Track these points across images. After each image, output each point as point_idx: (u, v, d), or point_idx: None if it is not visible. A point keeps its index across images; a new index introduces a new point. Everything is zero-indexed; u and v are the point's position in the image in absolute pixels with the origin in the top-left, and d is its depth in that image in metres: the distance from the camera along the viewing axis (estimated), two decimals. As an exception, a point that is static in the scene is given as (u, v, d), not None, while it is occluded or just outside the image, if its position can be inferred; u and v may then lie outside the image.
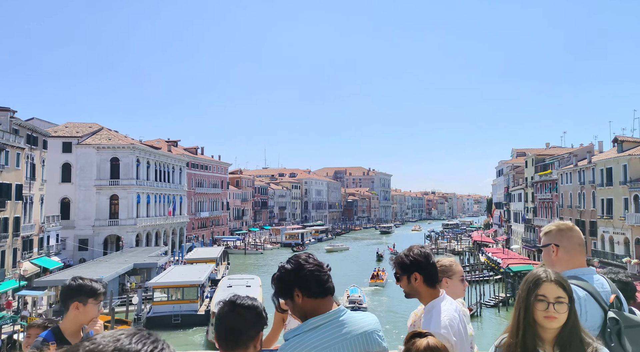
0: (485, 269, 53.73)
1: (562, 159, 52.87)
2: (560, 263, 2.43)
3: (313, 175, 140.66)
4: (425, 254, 2.50)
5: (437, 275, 2.53)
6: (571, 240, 2.46)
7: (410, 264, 2.46)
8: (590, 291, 2.25)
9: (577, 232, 2.50)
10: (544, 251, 2.55)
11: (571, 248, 2.45)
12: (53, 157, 51.23)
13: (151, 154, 60.69)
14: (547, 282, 1.98)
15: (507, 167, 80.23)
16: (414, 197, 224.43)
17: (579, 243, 2.48)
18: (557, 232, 2.49)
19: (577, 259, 2.44)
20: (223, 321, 1.92)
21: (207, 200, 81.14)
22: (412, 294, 2.50)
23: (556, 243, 2.46)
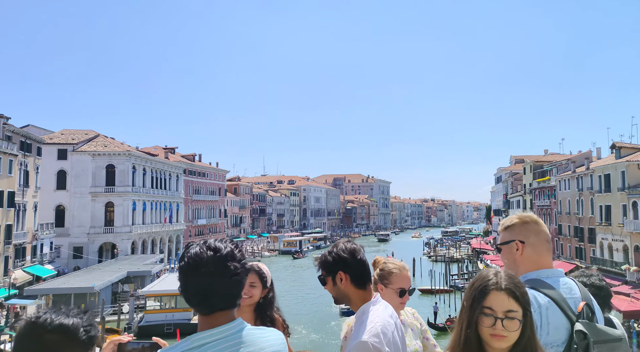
0: (484, 277, 53.28)
1: (560, 165, 52.61)
2: (525, 263, 2.04)
3: (312, 182, 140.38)
4: (352, 250, 2.17)
5: (368, 274, 2.18)
6: (539, 235, 2.07)
7: (334, 262, 2.14)
8: (555, 297, 1.86)
9: (544, 227, 2.12)
10: (503, 249, 2.12)
11: (539, 245, 2.06)
12: (48, 164, 50.94)
13: (147, 161, 60.40)
14: (496, 291, 1.58)
15: (506, 174, 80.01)
16: (414, 205, 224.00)
17: (546, 239, 2.09)
18: (521, 226, 2.09)
19: (544, 259, 2.05)
20: (17, 349, 1.44)
21: (205, 207, 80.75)
22: (340, 298, 2.16)
23: (521, 239, 2.06)
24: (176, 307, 31.75)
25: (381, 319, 1.99)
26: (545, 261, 2.05)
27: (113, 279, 36.29)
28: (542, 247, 2.06)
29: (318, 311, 37.06)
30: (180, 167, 70.86)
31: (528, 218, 2.11)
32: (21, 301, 29.75)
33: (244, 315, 2.73)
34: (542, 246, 2.06)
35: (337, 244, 2.22)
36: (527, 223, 2.09)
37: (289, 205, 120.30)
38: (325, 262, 2.17)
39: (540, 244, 2.06)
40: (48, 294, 31.58)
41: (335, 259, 2.13)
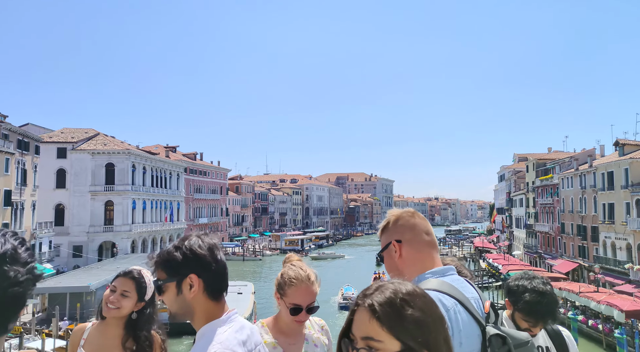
0: (486, 276, 52.86)
1: (563, 163, 51.99)
2: (408, 265, 1.67)
3: (314, 181, 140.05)
4: (211, 246, 1.59)
5: (226, 281, 1.62)
6: (415, 229, 1.71)
7: (185, 261, 1.54)
8: (461, 298, 1.48)
9: (420, 219, 1.75)
10: (385, 257, 1.74)
11: (417, 241, 1.70)
12: (47, 162, 50.85)
13: (147, 160, 60.23)
14: (361, 307, 1.06)
15: (509, 172, 79.38)
16: (417, 203, 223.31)
17: (425, 231, 1.73)
18: (395, 224, 1.74)
19: (427, 256, 1.69)
20: None
21: (206, 206, 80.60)
22: (182, 312, 1.57)
23: (397, 238, 1.71)
24: (172, 306, 31.57)
25: (226, 344, 1.46)
26: (429, 258, 1.69)
27: (110, 279, 35.97)
28: (420, 242, 1.70)
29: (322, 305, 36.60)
30: (181, 166, 70.69)
31: (400, 213, 1.77)
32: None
33: (110, 330, 2.33)
34: (421, 241, 1.70)
35: (188, 238, 1.61)
36: (400, 218, 1.74)
37: (291, 204, 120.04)
38: (170, 260, 1.55)
39: (418, 239, 1.70)
40: (44, 293, 31.41)
41: (187, 256, 1.54)
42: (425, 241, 1.70)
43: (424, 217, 1.78)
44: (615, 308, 26.83)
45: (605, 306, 27.99)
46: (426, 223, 1.76)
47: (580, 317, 31.27)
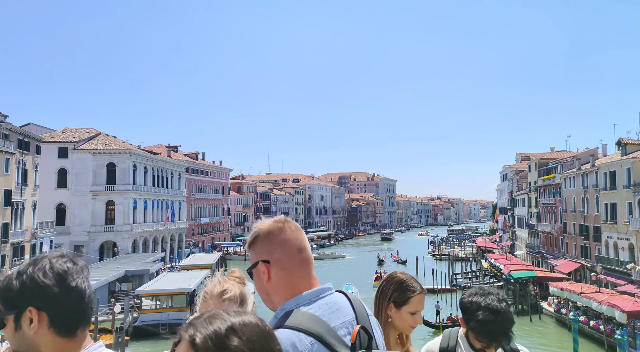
0: (488, 276, 52.62)
1: (565, 163, 51.67)
2: (277, 290, 1.47)
3: (317, 180, 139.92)
4: (60, 273, 1.28)
5: (85, 313, 1.32)
6: (285, 246, 1.49)
7: (21, 292, 1.25)
8: (320, 333, 1.33)
9: (292, 231, 1.53)
10: (253, 277, 1.54)
11: (288, 260, 1.48)
12: (48, 162, 50.91)
13: (149, 159, 60.24)
14: (183, 341, 0.90)
15: (511, 172, 79.00)
16: (420, 203, 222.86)
17: (297, 248, 1.50)
18: (264, 239, 1.51)
19: (299, 278, 1.48)
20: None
21: (208, 206, 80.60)
22: (23, 351, 1.27)
23: (264, 258, 1.49)
24: (172, 306, 31.44)
25: None
26: (302, 280, 1.49)
27: (110, 278, 36.07)
28: (292, 261, 1.49)
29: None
30: (183, 166, 70.69)
31: (269, 227, 1.52)
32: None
33: None
34: (292, 260, 1.49)
35: (38, 262, 1.30)
36: (270, 233, 1.51)
37: (293, 203, 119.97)
38: (6, 290, 1.26)
39: (289, 258, 1.48)
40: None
41: (25, 286, 1.25)
42: (297, 260, 1.49)
43: (297, 228, 1.56)
44: (616, 309, 26.58)
45: (607, 306, 27.74)
46: (299, 235, 1.54)
47: (581, 317, 31.02)
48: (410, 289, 2.19)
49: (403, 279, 2.22)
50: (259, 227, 1.54)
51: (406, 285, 2.19)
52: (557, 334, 32.58)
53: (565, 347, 28.07)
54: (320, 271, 62.00)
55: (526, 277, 40.09)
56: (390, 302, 2.17)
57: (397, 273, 2.28)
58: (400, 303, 2.16)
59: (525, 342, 30.68)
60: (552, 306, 36.56)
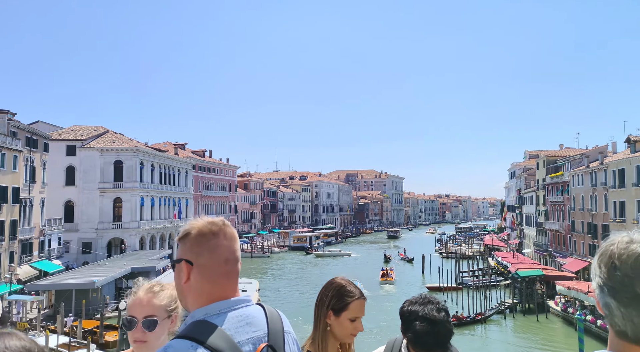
0: (495, 274, 52.25)
1: (573, 160, 51.10)
2: (193, 295, 1.42)
3: (324, 178, 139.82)
4: None
5: None
6: (214, 253, 1.42)
7: None
8: (219, 347, 1.27)
9: (227, 239, 1.46)
10: (175, 272, 1.49)
11: (213, 268, 1.42)
12: (57, 160, 51.35)
13: (156, 157, 60.55)
14: None
15: (519, 170, 78.37)
16: (427, 200, 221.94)
17: (226, 258, 1.44)
18: (196, 239, 1.45)
19: (220, 288, 1.41)
20: None
21: (215, 203, 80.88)
22: None
23: (189, 258, 1.43)
24: (177, 303, 31.63)
25: None
26: (220, 291, 1.41)
27: (116, 275, 36.32)
28: (216, 270, 1.41)
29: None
30: (190, 163, 70.97)
31: (202, 227, 1.45)
32: (21, 297, 29.86)
33: None
34: (217, 269, 1.41)
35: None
36: (202, 235, 1.44)
37: (300, 201, 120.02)
38: None
39: (214, 267, 1.41)
40: (50, 289, 31.72)
41: None
42: (222, 271, 1.42)
43: (233, 236, 1.49)
44: (624, 308, 26.26)
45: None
46: (232, 244, 1.47)
47: (589, 317, 30.73)
48: (348, 294, 2.12)
49: (342, 285, 2.16)
50: (193, 226, 1.49)
51: (344, 290, 2.13)
52: (563, 333, 32.29)
53: (572, 346, 27.80)
54: (326, 268, 62.03)
55: (533, 275, 39.74)
56: (328, 309, 2.10)
57: (337, 279, 2.22)
58: (338, 310, 2.09)
59: (531, 341, 30.46)
60: (558, 305, 36.23)
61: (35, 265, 40.26)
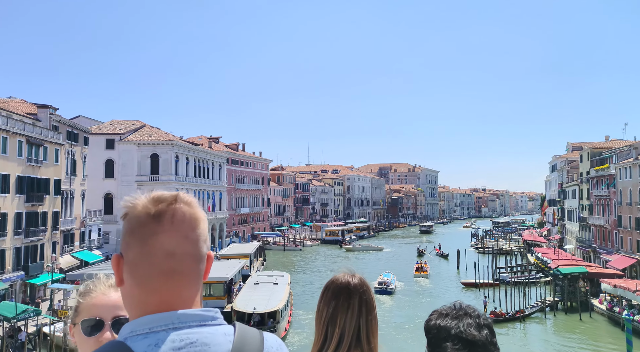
0: (534, 271, 50.38)
1: (620, 152, 48.44)
2: (127, 305, 1.04)
3: (356, 171, 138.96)
4: None
5: None
6: (147, 243, 0.99)
7: None
8: None
9: (171, 223, 1.00)
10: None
11: (144, 266, 0.99)
12: (97, 153, 52.98)
13: (190, 151, 61.54)
14: None
15: (562, 162, 75.26)
16: (463, 195, 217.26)
17: (168, 251, 0.99)
18: (128, 226, 1.03)
19: (154, 294, 1.00)
20: None
21: (248, 196, 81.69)
22: None
23: (121, 250, 1.04)
24: (211, 295, 31.91)
25: None
26: (158, 299, 0.99)
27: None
28: (150, 270, 0.99)
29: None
30: (223, 157, 71.82)
31: (143, 208, 1.01)
32: (62, 286, 30.90)
33: None
34: (152, 268, 0.99)
35: None
36: (137, 218, 1.01)
37: (332, 194, 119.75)
38: None
39: (146, 264, 0.99)
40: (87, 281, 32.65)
41: None
42: (160, 270, 0.98)
43: (186, 220, 1.01)
44: (677, 309, 24.62)
45: (666, 306, 25.77)
46: (182, 230, 1.01)
47: (637, 316, 29.04)
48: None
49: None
50: (131, 204, 1.03)
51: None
52: (608, 333, 30.67)
53: (618, 347, 26.33)
54: (358, 262, 61.56)
55: (576, 272, 37.98)
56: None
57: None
58: None
59: (574, 341, 29.07)
60: (603, 304, 34.47)
61: (76, 255, 41.67)
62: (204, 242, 1.05)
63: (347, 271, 1.75)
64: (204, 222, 1.05)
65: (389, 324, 31.43)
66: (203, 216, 1.05)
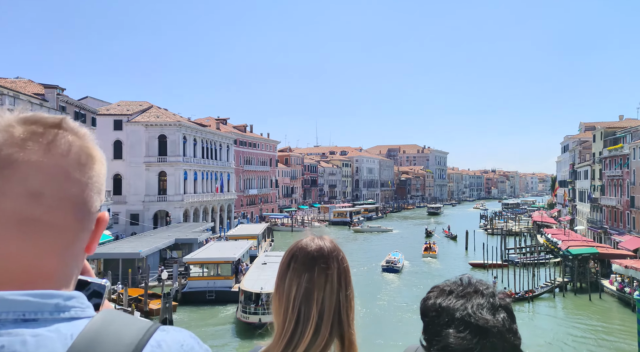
0: (544, 251, 50.03)
1: (635, 131, 47.41)
2: None
3: (364, 153, 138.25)
4: None
5: None
6: (4, 176, 0.65)
7: None
8: None
9: (32, 152, 0.67)
10: None
11: None
12: (105, 134, 52.96)
13: (198, 132, 61.36)
14: None
15: (574, 143, 74.03)
16: (472, 176, 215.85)
17: (33, 190, 0.66)
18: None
19: (6, 255, 0.66)
20: None
21: (256, 177, 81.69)
22: None
23: None
24: (219, 274, 32.08)
25: None
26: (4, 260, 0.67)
27: (160, 246, 37.31)
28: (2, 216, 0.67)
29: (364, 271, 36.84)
30: (231, 138, 71.59)
31: (4, 119, 0.68)
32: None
33: None
34: (4, 214, 0.65)
35: None
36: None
37: (340, 176, 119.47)
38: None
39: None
40: (99, 258, 32.96)
41: None
42: (12, 217, 0.65)
43: (68, 151, 0.70)
44: (690, 290, 24.23)
45: (679, 287, 25.40)
46: (61, 164, 0.69)
47: (648, 298, 28.67)
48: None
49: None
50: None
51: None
52: (619, 314, 30.40)
53: (629, 328, 26.09)
54: (365, 243, 61.60)
55: (586, 253, 37.57)
56: None
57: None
58: None
59: (584, 321, 28.88)
60: (614, 285, 34.13)
61: (87, 235, 42.01)
62: (96, 193, 0.74)
63: (314, 234, 1.35)
64: (101, 164, 0.76)
65: (394, 304, 31.60)
66: (100, 156, 0.76)
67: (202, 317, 27.91)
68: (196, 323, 26.76)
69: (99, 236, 0.74)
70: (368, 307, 29.19)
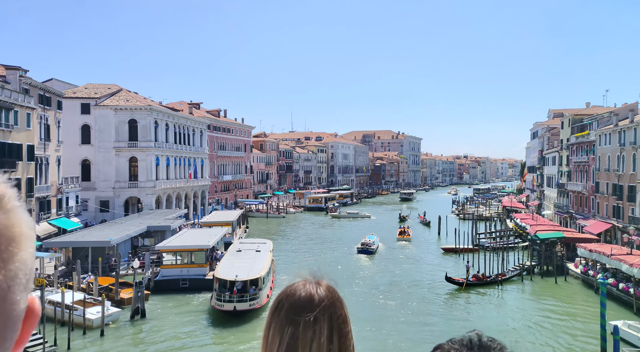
0: (513, 236, 51.45)
1: (601, 119, 48.81)
2: None
3: (340, 139, 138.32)
4: None
5: None
6: None
7: None
8: None
9: None
10: None
11: None
12: (72, 118, 51.17)
13: (170, 116, 59.96)
14: None
15: (542, 129, 75.80)
16: (445, 161, 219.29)
17: None
18: None
19: None
20: None
21: (230, 163, 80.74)
22: None
23: None
24: (192, 262, 31.69)
25: None
26: None
27: (132, 234, 36.56)
28: None
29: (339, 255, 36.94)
30: (205, 123, 70.31)
31: None
32: (38, 254, 30.20)
33: None
34: None
35: None
36: None
37: (316, 162, 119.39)
38: None
39: None
40: (67, 247, 32.09)
41: None
42: None
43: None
44: (649, 272, 25.34)
45: (639, 269, 26.53)
46: None
47: (610, 280, 29.90)
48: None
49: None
50: None
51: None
52: (583, 295, 31.64)
53: (592, 309, 27.19)
54: (342, 229, 62.00)
55: (553, 238, 38.81)
56: None
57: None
58: None
59: (550, 303, 29.91)
60: (579, 268, 35.44)
61: (54, 222, 40.79)
62: (22, 291, 0.55)
63: (308, 276, 1.11)
64: (28, 243, 0.57)
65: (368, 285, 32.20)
66: (28, 233, 0.57)
67: (175, 306, 27.58)
68: (170, 311, 26.45)
69: (28, 333, 0.58)
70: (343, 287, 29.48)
